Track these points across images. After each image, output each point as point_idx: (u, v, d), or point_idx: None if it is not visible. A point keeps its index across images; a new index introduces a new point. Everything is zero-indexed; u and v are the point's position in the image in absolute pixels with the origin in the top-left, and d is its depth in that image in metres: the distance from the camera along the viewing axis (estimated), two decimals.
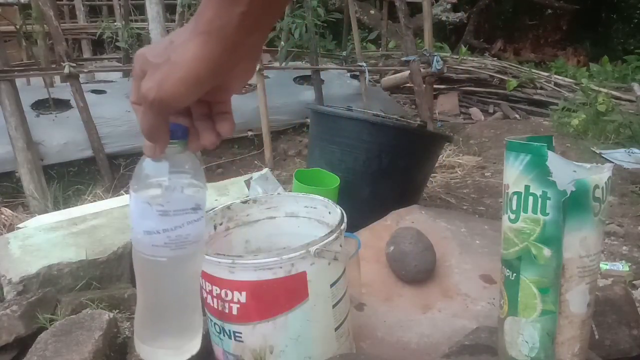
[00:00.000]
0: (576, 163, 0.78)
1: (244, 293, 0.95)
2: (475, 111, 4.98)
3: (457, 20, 7.80)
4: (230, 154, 3.66)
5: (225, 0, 0.45)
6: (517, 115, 4.78)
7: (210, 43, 0.46)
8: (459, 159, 3.35)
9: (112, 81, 4.26)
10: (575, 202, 0.77)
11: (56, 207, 2.59)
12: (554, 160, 0.77)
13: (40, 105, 3.25)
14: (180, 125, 0.54)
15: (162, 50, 0.48)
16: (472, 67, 5.41)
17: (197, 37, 0.46)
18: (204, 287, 1.01)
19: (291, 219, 1.21)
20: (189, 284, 0.63)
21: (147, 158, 0.56)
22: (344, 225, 1.03)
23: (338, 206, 1.10)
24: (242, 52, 0.48)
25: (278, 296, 0.96)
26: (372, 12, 6.94)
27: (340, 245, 1.02)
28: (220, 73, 0.48)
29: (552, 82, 5.12)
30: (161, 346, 0.63)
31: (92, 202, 2.43)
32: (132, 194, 0.58)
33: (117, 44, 4.51)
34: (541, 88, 5.09)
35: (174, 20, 4.61)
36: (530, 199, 0.79)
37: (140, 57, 0.50)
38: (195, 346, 0.63)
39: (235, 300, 0.96)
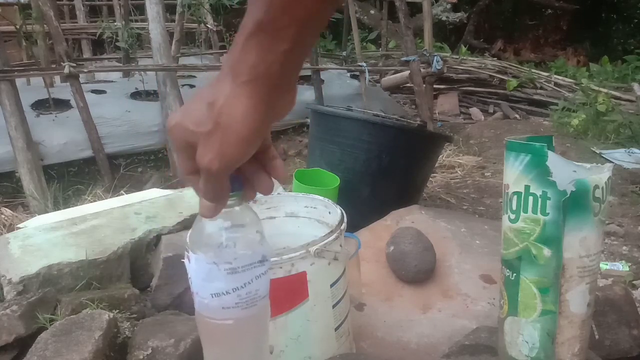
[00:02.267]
0: (576, 163, 0.78)
1: None
2: (475, 111, 4.99)
3: (457, 20, 7.80)
4: None
5: (267, 42, 0.43)
6: (517, 115, 4.78)
7: (258, 91, 0.44)
8: (459, 159, 3.35)
9: (112, 81, 4.26)
10: (575, 202, 0.77)
11: (56, 207, 2.59)
12: (554, 160, 0.77)
13: (40, 105, 3.25)
14: (236, 177, 0.51)
15: (204, 116, 0.45)
16: (472, 67, 5.41)
17: (242, 90, 0.44)
18: None
19: (291, 219, 1.20)
20: (258, 340, 0.60)
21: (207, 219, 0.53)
22: (344, 225, 1.03)
23: (338, 206, 1.10)
24: (285, 85, 0.46)
25: (278, 296, 0.96)
26: (372, 12, 6.94)
27: (340, 245, 1.02)
28: (274, 116, 0.47)
29: (552, 82, 5.12)
30: None
31: (92, 202, 2.43)
32: (192, 256, 0.54)
33: (117, 44, 4.51)
34: (541, 88, 5.09)
35: (174, 20, 4.61)
36: (530, 199, 0.79)
37: (179, 129, 0.47)
38: None
39: None
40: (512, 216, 0.83)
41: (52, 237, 1.57)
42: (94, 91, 3.57)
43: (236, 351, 0.59)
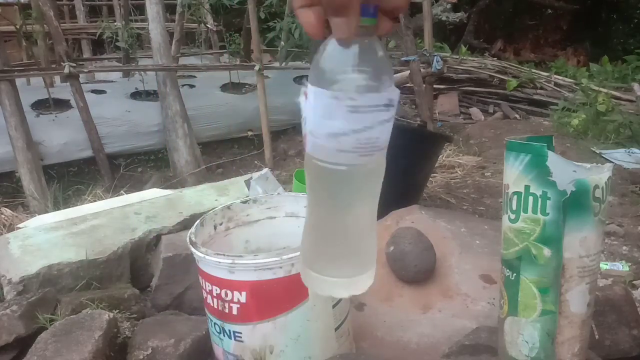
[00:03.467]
0: (576, 163, 0.78)
1: (244, 293, 0.95)
2: (475, 111, 4.98)
3: (457, 20, 7.80)
4: (230, 154, 3.66)
5: None
6: (517, 115, 4.78)
7: None
8: (459, 159, 3.35)
9: (112, 81, 4.27)
10: (575, 202, 0.77)
11: (56, 207, 2.59)
12: (554, 160, 0.77)
13: (40, 105, 3.25)
14: (369, 5, 0.44)
15: None
16: (472, 67, 5.41)
17: None
18: (204, 287, 1.01)
19: (291, 219, 1.20)
20: (369, 200, 0.54)
21: (331, 44, 0.46)
22: None
23: None
24: None
25: (278, 296, 0.96)
26: None
27: None
28: None
29: (552, 82, 5.11)
30: (332, 274, 0.54)
31: (92, 202, 2.43)
32: (312, 90, 0.48)
33: (117, 44, 4.51)
34: (541, 88, 5.08)
35: (174, 20, 4.61)
36: (530, 199, 0.79)
37: None
38: (367, 280, 0.54)
39: (235, 300, 0.96)
40: (512, 216, 0.83)
41: (52, 237, 1.57)
42: (94, 91, 3.58)
43: (341, 210, 0.53)
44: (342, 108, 0.46)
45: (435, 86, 4.49)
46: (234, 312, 0.97)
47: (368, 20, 0.45)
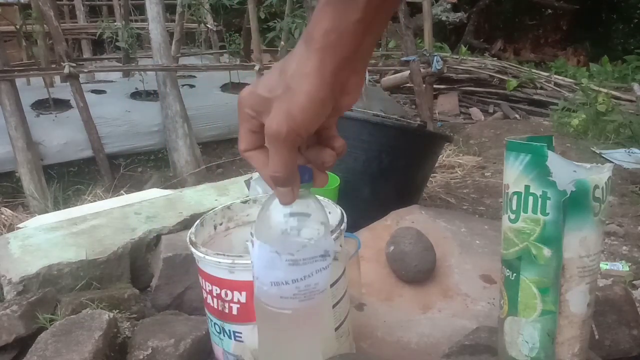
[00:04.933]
0: (576, 163, 0.78)
1: (244, 293, 0.95)
2: (475, 111, 4.99)
3: (457, 20, 7.81)
4: (230, 154, 3.66)
5: (340, 11, 0.44)
6: (517, 115, 4.78)
7: (328, 58, 0.45)
8: (459, 159, 3.35)
9: (112, 81, 4.27)
10: (575, 202, 0.77)
11: (56, 207, 2.59)
12: (554, 160, 0.77)
13: (40, 105, 3.25)
14: (306, 168, 0.51)
15: (275, 82, 0.47)
16: (472, 67, 5.41)
17: (313, 56, 0.45)
18: (204, 287, 1.01)
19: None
20: (311, 334, 0.61)
21: (273, 206, 0.53)
22: (344, 225, 1.03)
23: (338, 206, 1.10)
24: (354, 63, 0.47)
25: None
26: None
27: (340, 245, 1.02)
28: (339, 89, 0.47)
29: (552, 82, 5.12)
30: None
31: (92, 202, 2.43)
32: (257, 243, 0.55)
33: (117, 44, 4.51)
34: (541, 88, 5.09)
35: (174, 20, 4.61)
36: (530, 199, 0.79)
37: (250, 97, 0.48)
38: None
39: (235, 300, 0.96)
40: (512, 216, 0.82)
41: (52, 237, 1.57)
42: (94, 91, 3.58)
43: (287, 342, 0.60)
44: (282, 262, 0.53)
45: (435, 86, 4.49)
46: (234, 312, 0.96)
47: (306, 185, 0.52)
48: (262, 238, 0.54)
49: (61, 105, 3.30)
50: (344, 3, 0.44)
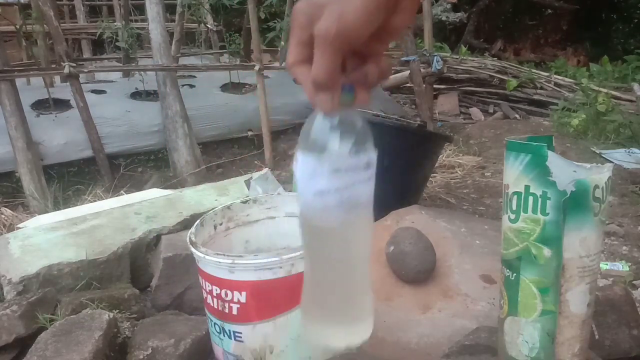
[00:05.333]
0: (576, 163, 0.78)
1: (244, 293, 0.95)
2: (475, 111, 4.99)
3: (457, 20, 7.81)
4: (230, 154, 3.65)
5: None
6: (517, 115, 4.78)
7: None
8: (459, 159, 3.35)
9: (112, 81, 4.26)
10: (575, 202, 0.77)
11: (56, 207, 2.59)
12: (554, 160, 0.77)
13: (40, 105, 3.25)
14: (349, 85, 0.52)
15: None
16: (472, 67, 5.41)
17: None
18: (204, 287, 1.01)
19: (291, 219, 1.21)
20: (360, 255, 0.59)
21: (317, 116, 0.54)
22: None
23: None
24: None
25: (278, 296, 0.96)
26: None
27: None
28: (392, 4, 0.49)
29: (552, 82, 5.11)
30: (331, 326, 0.60)
31: (92, 202, 2.43)
32: (300, 155, 0.54)
33: (117, 44, 4.51)
34: (541, 88, 5.08)
35: (174, 20, 4.61)
36: (530, 199, 0.79)
37: (304, 5, 0.49)
38: (367, 330, 0.59)
39: (235, 300, 0.96)
40: (512, 216, 0.83)
41: (52, 237, 1.57)
42: (94, 91, 3.58)
43: (334, 265, 0.58)
44: (324, 169, 0.53)
45: (435, 86, 4.49)
46: (234, 312, 0.97)
47: (346, 95, 0.52)
48: (304, 149, 0.54)
49: (61, 105, 3.30)
50: None
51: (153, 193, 2.11)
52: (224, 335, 1.01)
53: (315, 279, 0.60)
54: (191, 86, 3.98)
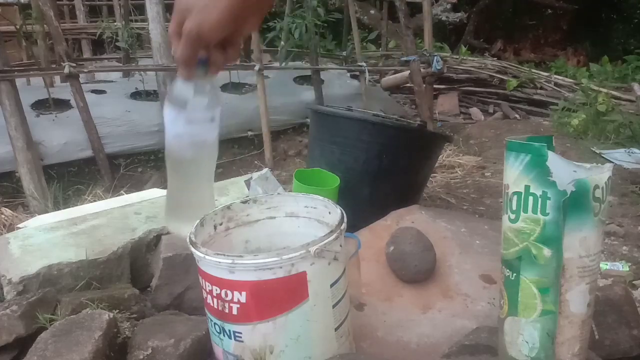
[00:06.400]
0: (576, 163, 0.78)
1: (244, 293, 0.95)
2: (475, 111, 4.98)
3: (457, 20, 7.81)
4: (230, 154, 3.65)
5: None
6: (517, 115, 4.78)
7: None
8: (459, 159, 3.35)
9: (112, 81, 4.26)
10: (575, 202, 0.77)
11: (56, 207, 2.59)
12: (554, 160, 0.77)
13: (40, 105, 3.25)
14: (204, 60, 0.74)
15: None
16: (472, 67, 5.41)
17: None
18: (204, 287, 1.01)
19: (291, 219, 1.20)
20: (205, 176, 0.91)
21: (179, 79, 0.76)
22: (344, 225, 1.03)
23: (338, 206, 1.10)
24: (256, 7, 0.70)
25: (278, 296, 0.96)
26: (372, 12, 6.93)
27: (340, 245, 1.02)
28: (240, 20, 0.69)
29: (552, 82, 5.11)
30: (185, 220, 0.98)
31: (92, 202, 2.43)
32: (166, 107, 0.79)
33: (117, 44, 4.50)
34: (541, 88, 5.08)
35: None
36: (530, 199, 0.79)
37: (181, 4, 0.69)
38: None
39: (235, 300, 0.96)
40: (512, 216, 0.83)
41: (52, 237, 1.57)
42: (94, 91, 3.57)
43: (189, 180, 0.89)
44: (181, 119, 0.79)
45: (435, 86, 4.49)
46: (234, 312, 0.97)
47: (200, 68, 0.75)
48: (170, 102, 0.78)
49: (61, 105, 3.30)
50: None
51: (153, 193, 2.11)
52: (224, 335, 1.01)
53: (176, 190, 0.91)
54: None
